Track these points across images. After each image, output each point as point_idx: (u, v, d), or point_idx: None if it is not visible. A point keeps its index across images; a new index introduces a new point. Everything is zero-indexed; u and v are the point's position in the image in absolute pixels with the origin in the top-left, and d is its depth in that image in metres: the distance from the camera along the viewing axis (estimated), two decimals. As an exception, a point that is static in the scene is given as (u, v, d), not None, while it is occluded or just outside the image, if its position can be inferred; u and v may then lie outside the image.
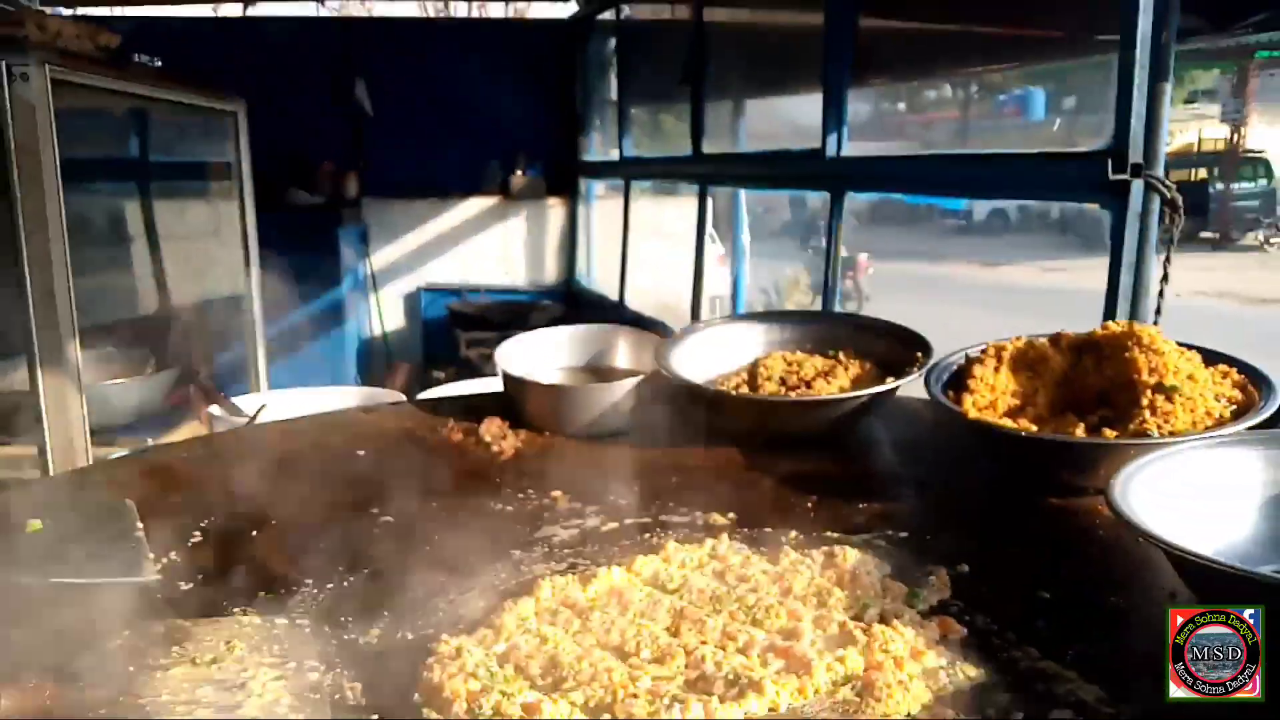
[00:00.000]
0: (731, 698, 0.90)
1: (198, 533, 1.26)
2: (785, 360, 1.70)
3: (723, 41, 4.56)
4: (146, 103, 3.65)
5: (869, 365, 1.65)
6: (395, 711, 0.90)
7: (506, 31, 8.10)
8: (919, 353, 1.58)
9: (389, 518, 1.32)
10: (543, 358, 1.86)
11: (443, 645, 0.98)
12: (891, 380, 1.54)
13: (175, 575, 1.15)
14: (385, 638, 1.03)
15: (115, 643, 0.96)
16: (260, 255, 4.30)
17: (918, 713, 0.89)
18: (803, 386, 1.60)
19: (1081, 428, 1.33)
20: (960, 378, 1.47)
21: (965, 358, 1.51)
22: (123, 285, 3.84)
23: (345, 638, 1.03)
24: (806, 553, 1.18)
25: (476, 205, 6.72)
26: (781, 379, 1.64)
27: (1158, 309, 2.19)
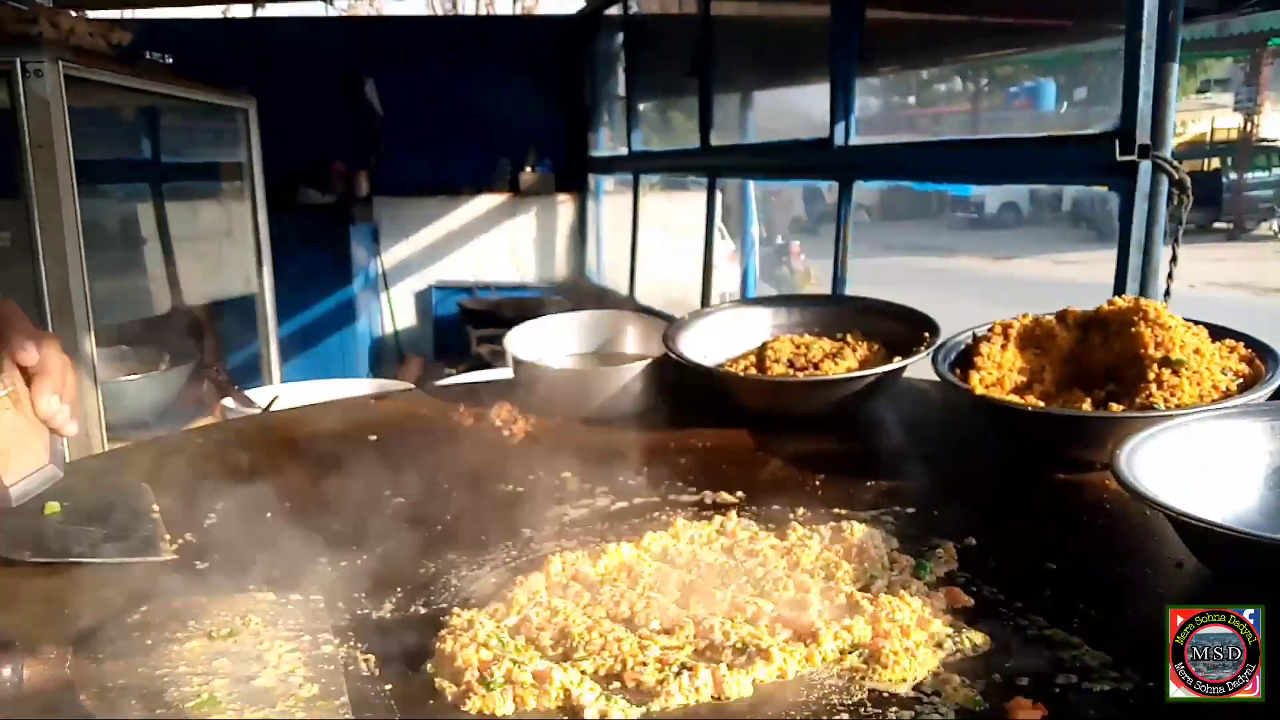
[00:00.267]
0: (740, 665, 0.91)
1: (213, 514, 1.28)
2: (793, 343, 1.71)
3: (730, 33, 4.57)
4: (158, 100, 3.68)
5: (877, 347, 1.66)
6: (408, 681, 0.91)
7: (514, 28, 8.15)
8: (926, 333, 1.59)
9: (401, 499, 1.34)
10: (552, 343, 1.88)
11: (455, 618, 0.99)
12: (899, 360, 1.55)
13: (191, 555, 1.17)
14: (398, 612, 1.05)
15: (133, 618, 0.97)
16: (272, 254, 4.33)
17: (924, 679, 0.89)
18: (810, 368, 1.61)
19: (1088, 403, 1.34)
20: (967, 356, 1.48)
21: (973, 336, 1.52)
22: (136, 283, 3.87)
23: (359, 612, 1.04)
24: (814, 528, 1.18)
25: (486, 202, 6.75)
26: (789, 361, 1.65)
27: (1167, 291, 2.19)
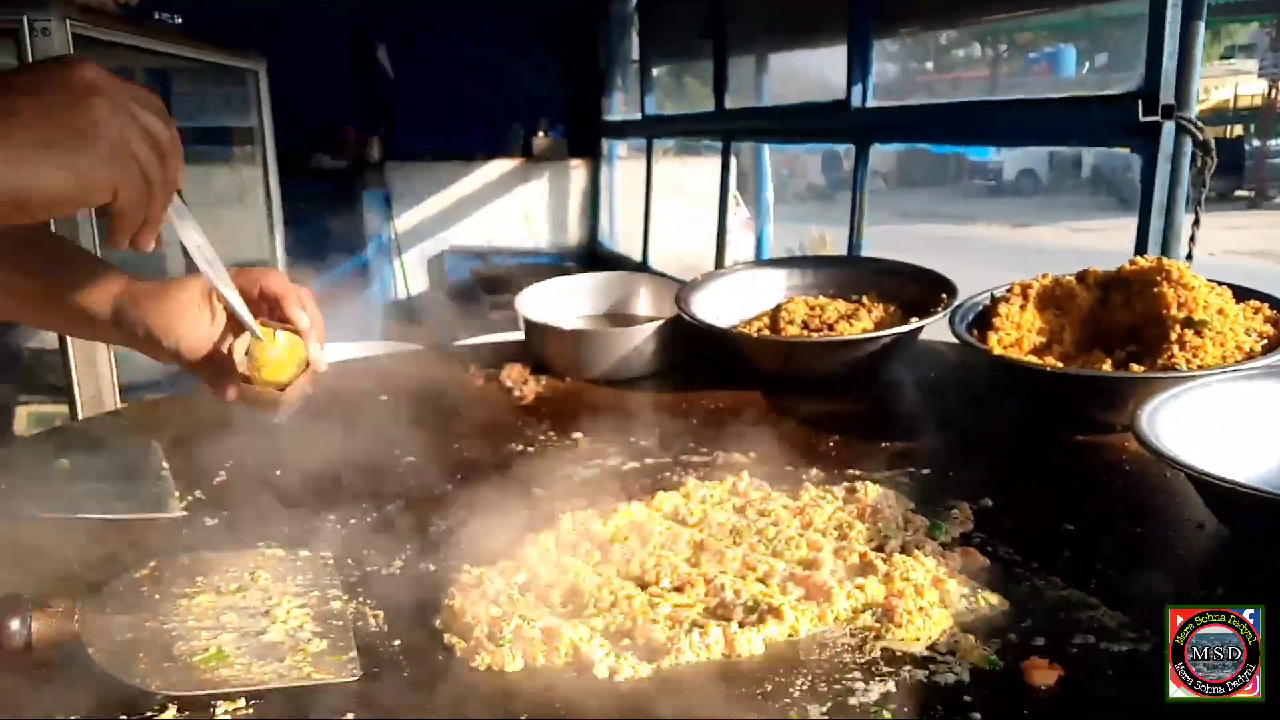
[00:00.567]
0: (751, 623, 0.90)
1: (223, 471, 1.28)
2: (807, 304, 1.68)
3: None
4: (168, 61, 3.65)
5: (893, 308, 1.64)
6: (417, 636, 0.91)
7: (527, -9, 8.03)
8: (944, 294, 1.56)
9: (411, 458, 1.33)
10: (564, 305, 1.86)
11: (464, 574, 0.99)
12: (915, 320, 1.53)
13: (200, 511, 1.17)
14: (407, 569, 1.04)
15: (141, 573, 0.97)
16: (284, 219, 4.32)
17: (938, 638, 0.88)
18: (825, 329, 1.59)
19: (1109, 364, 1.32)
20: (985, 317, 1.45)
21: (991, 297, 1.49)
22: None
23: (368, 569, 1.04)
24: (828, 489, 1.17)
25: (499, 168, 6.70)
26: (804, 322, 1.62)
27: (1189, 255, 2.16)
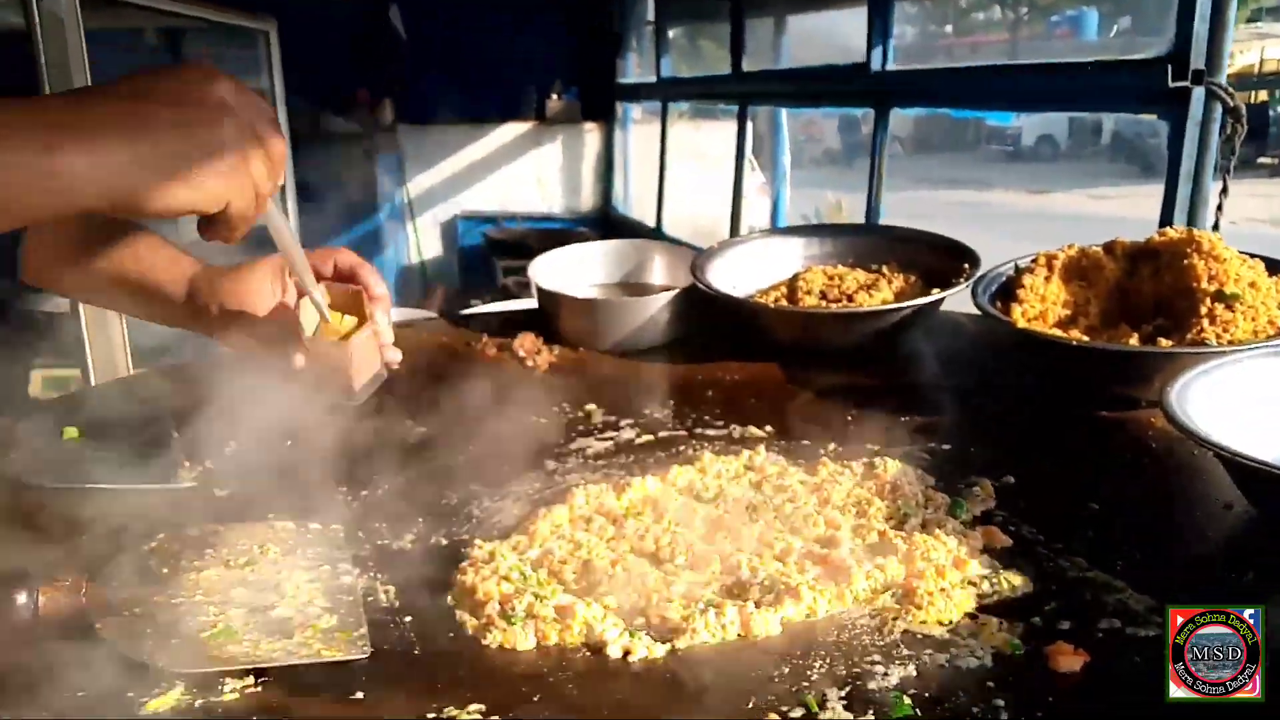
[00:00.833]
0: (768, 603, 0.89)
1: (233, 441, 1.26)
2: (826, 274, 1.65)
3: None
4: (177, 21, 3.61)
5: (913, 278, 1.60)
6: (428, 612, 0.89)
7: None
8: (966, 264, 1.53)
9: (423, 429, 1.31)
10: (577, 273, 1.83)
11: (476, 550, 0.98)
12: (937, 292, 1.49)
13: (209, 483, 1.16)
14: (418, 543, 1.03)
15: (150, 545, 0.96)
16: (296, 183, 4.29)
17: (960, 620, 0.86)
18: (844, 300, 1.56)
19: (1136, 338, 1.28)
20: (1009, 288, 1.42)
21: (1015, 268, 1.46)
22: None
23: (379, 543, 1.02)
24: (846, 464, 1.15)
25: (512, 131, 6.64)
26: (822, 292, 1.59)
27: (1215, 224, 2.11)
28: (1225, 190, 2.04)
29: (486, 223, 6.64)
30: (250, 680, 0.79)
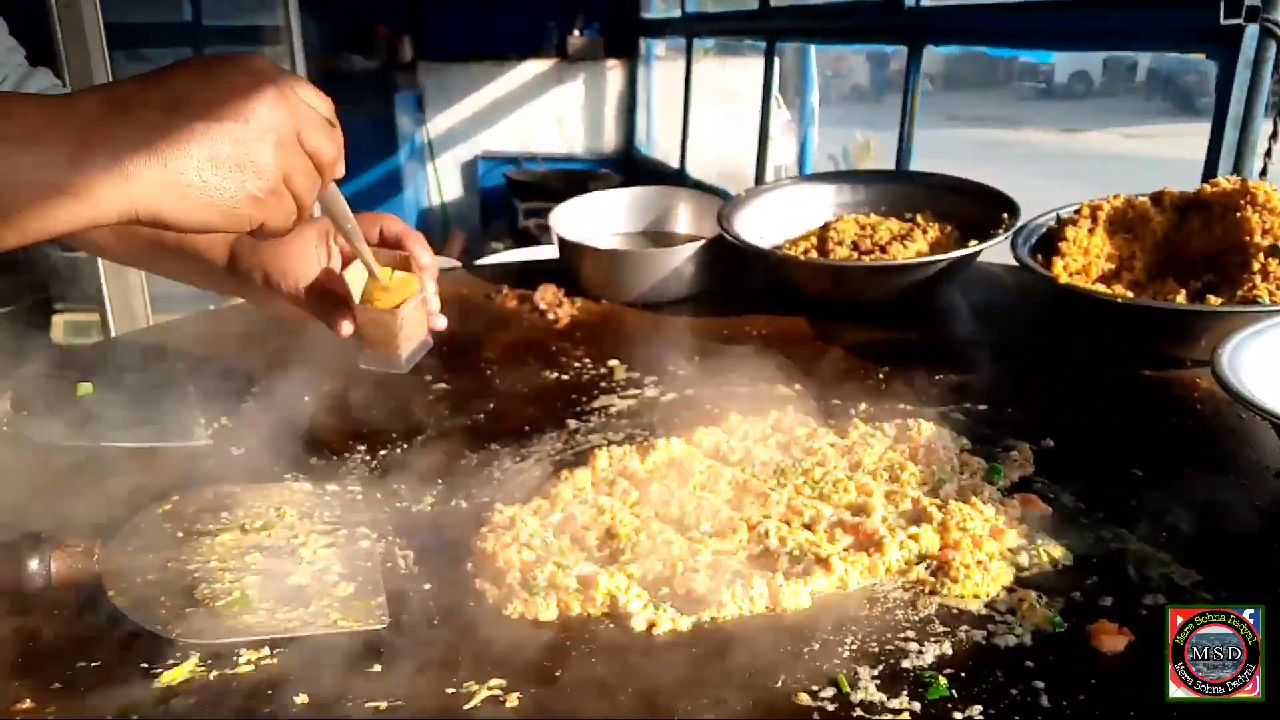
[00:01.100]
0: (797, 574, 0.86)
1: (249, 398, 1.24)
2: (858, 223, 1.59)
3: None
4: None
5: (949, 228, 1.54)
6: (447, 580, 0.87)
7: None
8: (1005, 214, 1.47)
9: (443, 385, 1.28)
10: (600, 222, 1.78)
11: (497, 515, 0.95)
12: (974, 244, 1.43)
13: (226, 440, 1.13)
14: (438, 506, 1.00)
15: (164, 508, 0.94)
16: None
17: (997, 595, 0.83)
18: (877, 251, 1.50)
19: (1183, 294, 1.23)
20: (1050, 240, 1.36)
21: (1057, 219, 1.39)
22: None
23: (398, 505, 1.00)
24: (878, 425, 1.11)
25: (533, 68, 6.51)
26: (854, 243, 1.54)
27: (1263, 170, 2.03)
28: (1276, 134, 1.96)
29: (507, 163, 6.55)
30: (266, 651, 0.77)
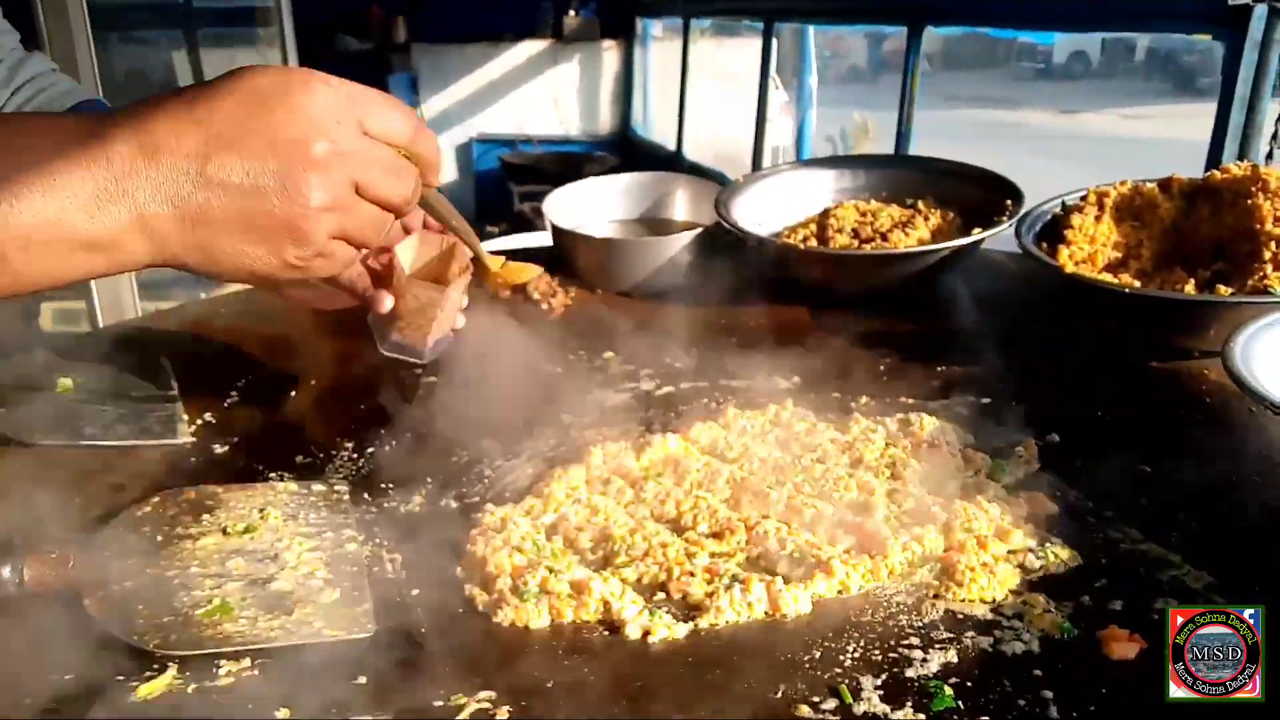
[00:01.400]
0: (797, 578, 0.83)
1: (234, 393, 1.21)
2: (858, 210, 1.56)
3: None
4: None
5: (951, 215, 1.51)
6: (436, 585, 0.84)
7: None
8: (1008, 201, 1.43)
9: (433, 378, 1.25)
10: (595, 209, 1.75)
11: (487, 516, 0.92)
12: (978, 231, 1.40)
13: (209, 438, 1.10)
14: (427, 506, 0.98)
15: (143, 510, 0.91)
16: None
17: (1004, 599, 0.81)
18: (877, 239, 1.47)
19: (1191, 284, 1.20)
20: (1055, 228, 1.33)
21: (1062, 206, 1.36)
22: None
23: (385, 506, 0.97)
24: (879, 420, 1.08)
25: (528, 49, 6.45)
26: (854, 231, 1.50)
27: (1270, 153, 2.00)
28: (1283, 117, 1.93)
29: (503, 145, 6.49)
30: (247, 663, 0.74)
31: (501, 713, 0.69)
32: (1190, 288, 1.19)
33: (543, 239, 1.97)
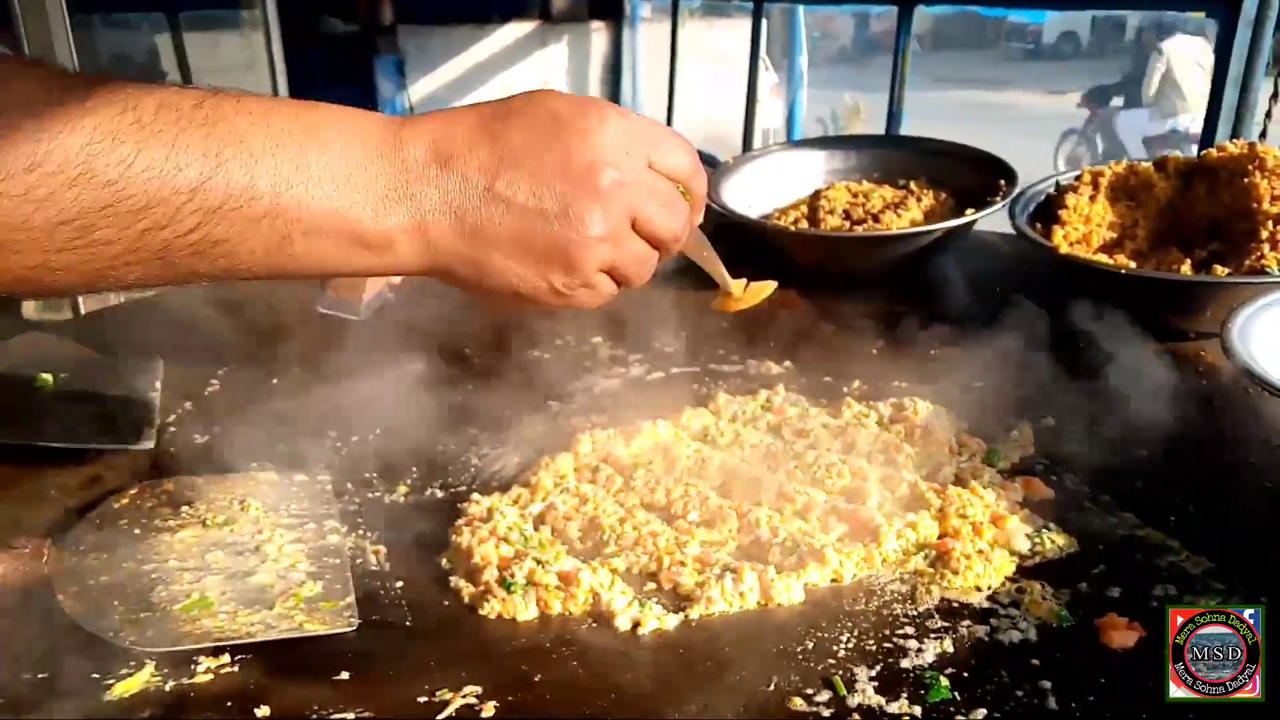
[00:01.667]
0: (790, 567, 0.81)
1: (215, 380, 1.19)
2: (850, 191, 1.54)
3: None
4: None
5: (944, 196, 1.49)
6: (421, 577, 0.83)
7: None
8: (1002, 181, 1.41)
9: (418, 365, 1.23)
10: (582, 191, 1.72)
11: (473, 505, 0.91)
12: (971, 212, 1.38)
13: (189, 426, 1.08)
14: (412, 496, 0.96)
15: (120, 503, 0.89)
16: (291, 88, 4.13)
17: (999, 586, 0.79)
18: (869, 220, 1.45)
19: (1188, 264, 1.18)
20: (1050, 208, 1.31)
21: (1056, 185, 1.34)
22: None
23: (369, 496, 0.95)
24: (872, 404, 1.07)
25: (515, 31, 6.37)
26: (845, 212, 1.48)
27: (1263, 131, 1.99)
28: (1276, 95, 1.91)
29: (491, 130, 6.43)
30: (226, 659, 0.72)
31: (488, 708, 0.67)
32: (1186, 268, 1.17)
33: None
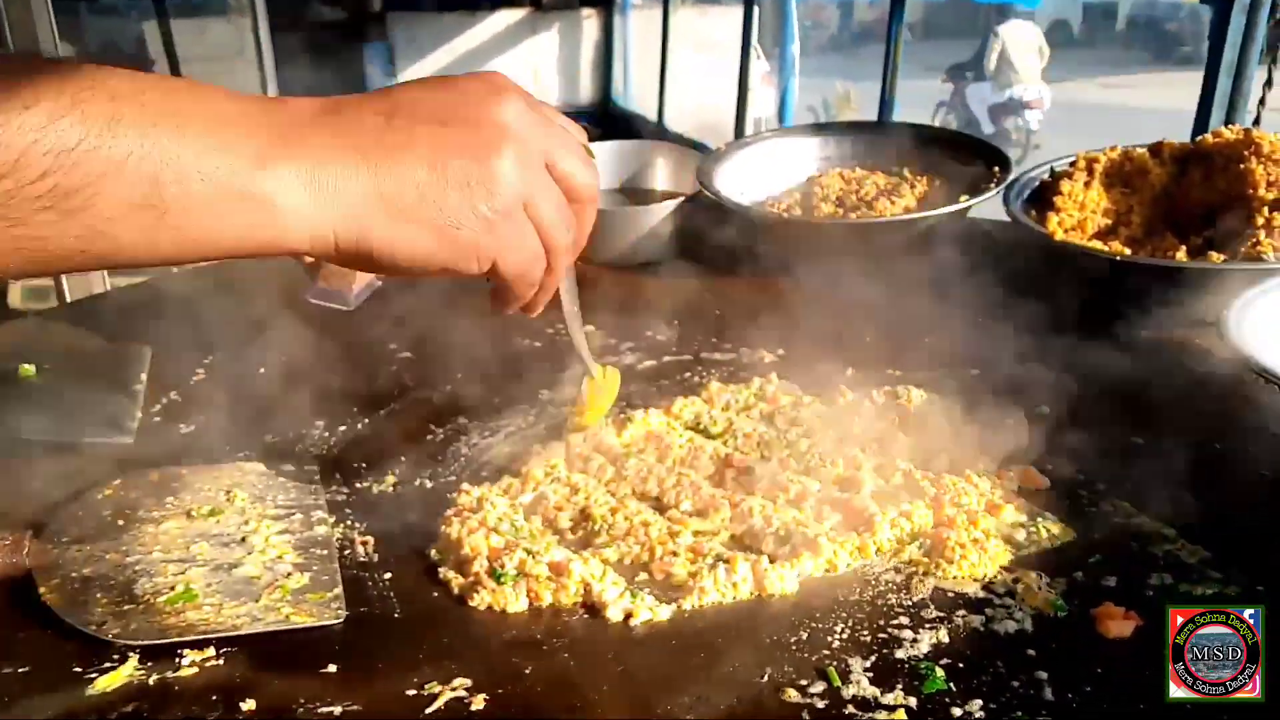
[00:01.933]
0: (783, 556, 0.81)
1: (201, 369, 1.17)
2: (843, 178, 1.53)
3: None
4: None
5: (938, 182, 1.48)
6: (410, 568, 0.81)
7: None
8: (996, 168, 1.40)
9: (407, 354, 1.22)
10: (573, 178, 1.70)
11: (463, 495, 0.90)
12: (965, 199, 1.37)
13: (175, 415, 1.07)
14: (401, 486, 0.94)
15: (103, 494, 0.87)
16: (279, 76, 4.09)
17: (995, 576, 0.78)
18: (863, 207, 1.44)
19: (1183, 251, 1.17)
20: (1044, 195, 1.30)
21: (1051, 172, 1.33)
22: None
23: (357, 485, 0.94)
24: (865, 393, 1.06)
25: (505, 18, 6.33)
26: (838, 199, 1.47)
27: (1256, 119, 1.98)
28: (1270, 82, 1.90)
29: (481, 117, 6.39)
30: (211, 652, 0.71)
31: (477, 701, 0.66)
32: (1182, 254, 1.17)
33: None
